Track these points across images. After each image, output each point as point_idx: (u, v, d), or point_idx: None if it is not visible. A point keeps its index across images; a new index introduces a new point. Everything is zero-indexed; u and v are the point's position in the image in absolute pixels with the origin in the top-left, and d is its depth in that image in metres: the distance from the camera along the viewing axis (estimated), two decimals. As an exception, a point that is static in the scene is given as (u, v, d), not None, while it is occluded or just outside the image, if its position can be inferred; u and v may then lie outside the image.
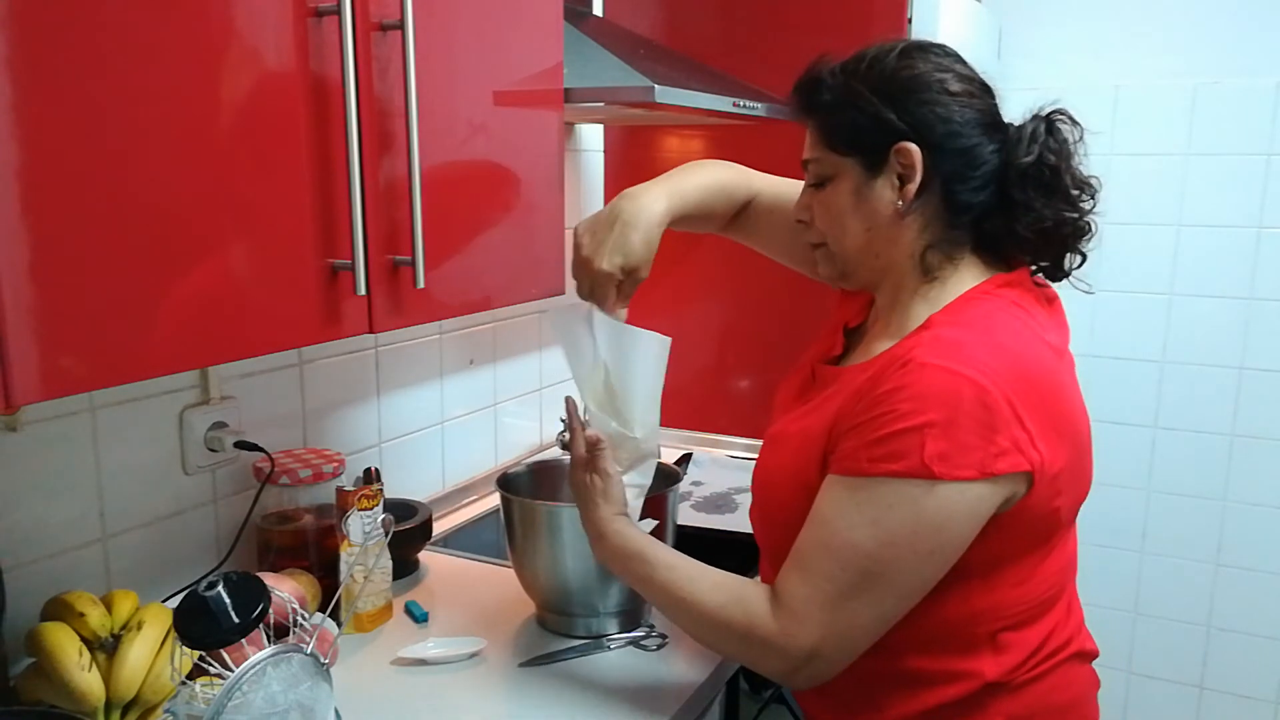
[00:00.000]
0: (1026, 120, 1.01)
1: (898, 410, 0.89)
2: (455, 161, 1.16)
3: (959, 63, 1.02)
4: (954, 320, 0.96)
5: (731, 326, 2.11)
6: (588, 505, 1.11)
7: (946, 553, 0.92)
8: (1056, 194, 0.99)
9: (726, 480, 1.93)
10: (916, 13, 1.81)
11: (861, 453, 0.91)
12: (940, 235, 1.00)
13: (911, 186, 0.98)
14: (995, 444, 0.88)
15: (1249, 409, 2.33)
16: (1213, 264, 2.31)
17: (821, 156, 1.03)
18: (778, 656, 0.96)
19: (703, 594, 1.01)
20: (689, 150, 2.09)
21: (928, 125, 0.97)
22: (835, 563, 0.92)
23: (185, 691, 0.89)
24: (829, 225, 1.04)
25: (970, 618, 0.97)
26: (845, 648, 0.95)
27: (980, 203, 0.99)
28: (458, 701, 1.15)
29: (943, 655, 0.98)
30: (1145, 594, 2.46)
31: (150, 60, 0.80)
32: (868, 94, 0.98)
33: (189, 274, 0.85)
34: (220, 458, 1.34)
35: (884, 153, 0.98)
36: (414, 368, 1.71)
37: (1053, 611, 1.02)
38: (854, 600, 0.92)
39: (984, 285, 1.00)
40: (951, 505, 0.89)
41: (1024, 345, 0.95)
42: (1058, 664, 1.02)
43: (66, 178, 0.75)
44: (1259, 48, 2.21)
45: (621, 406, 1.13)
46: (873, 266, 1.04)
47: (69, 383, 0.77)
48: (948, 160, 0.98)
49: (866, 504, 0.91)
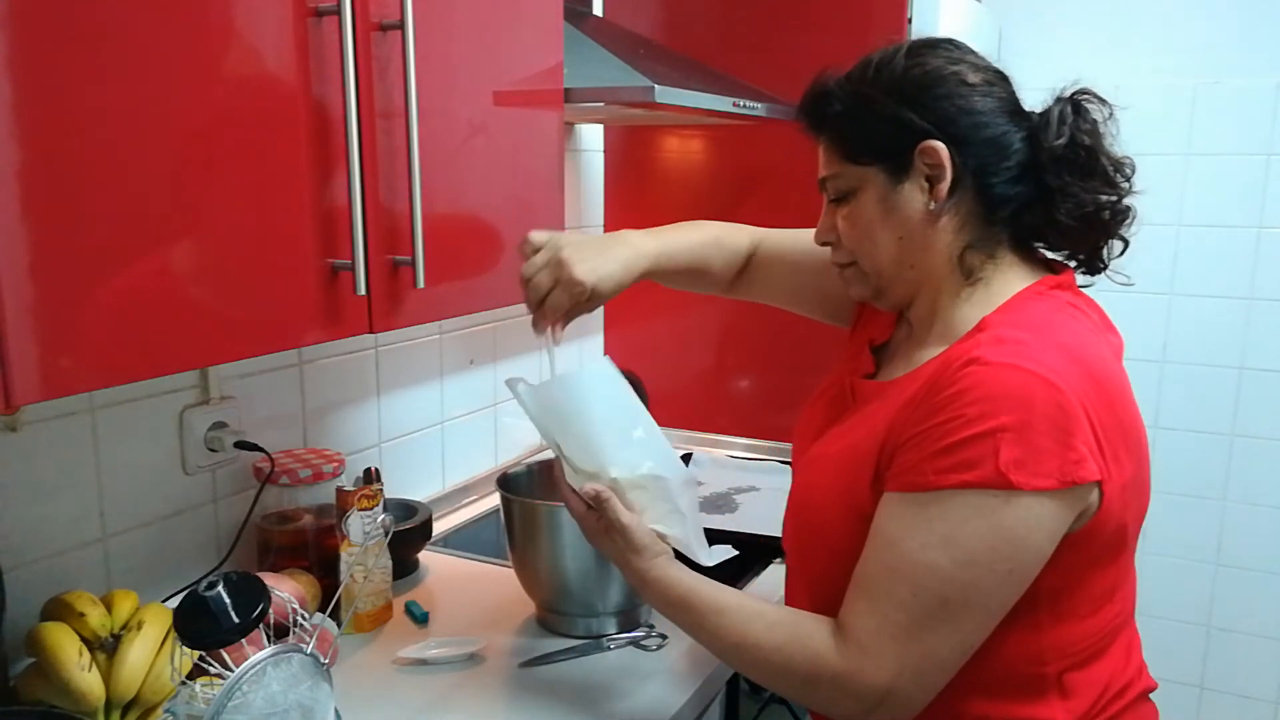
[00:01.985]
0: (1051, 104, 0.95)
1: (965, 415, 0.82)
2: (455, 161, 1.16)
3: (970, 53, 0.97)
4: (1012, 321, 0.90)
5: (731, 326, 2.11)
6: (621, 565, 1.02)
7: (1026, 572, 0.84)
8: (1095, 175, 0.93)
9: (726, 480, 1.93)
10: (916, 13, 1.81)
11: (926, 464, 0.83)
12: (978, 233, 0.95)
13: (943, 185, 0.92)
14: (1075, 450, 0.81)
15: (1249, 409, 2.33)
16: (1213, 264, 2.31)
17: (840, 170, 0.97)
18: (849, 698, 0.87)
19: (758, 636, 0.92)
20: (689, 150, 2.09)
21: (950, 119, 0.92)
22: (907, 588, 0.84)
23: (185, 691, 0.89)
24: (857, 242, 0.98)
25: (1037, 655, 0.89)
26: (924, 684, 0.86)
27: (1018, 194, 0.94)
28: (458, 701, 1.15)
29: (1010, 700, 0.90)
30: (1145, 594, 2.43)
31: (150, 60, 0.80)
32: (881, 97, 0.93)
33: (189, 274, 0.85)
34: (220, 458, 1.34)
35: (907, 155, 0.93)
36: (414, 368, 1.71)
37: (1115, 647, 0.94)
38: (930, 630, 0.84)
39: (1036, 286, 0.95)
40: (1031, 518, 0.81)
41: (1088, 348, 0.89)
42: (1126, 705, 0.94)
43: (66, 178, 0.75)
44: (1259, 48, 2.21)
45: (597, 454, 1.02)
46: (908, 279, 0.97)
47: (69, 383, 0.77)
48: (977, 152, 0.92)
49: (938, 520, 0.83)
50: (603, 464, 1.02)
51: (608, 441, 1.02)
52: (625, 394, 1.05)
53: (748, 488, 1.88)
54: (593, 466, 1.03)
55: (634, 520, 1.00)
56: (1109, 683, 0.93)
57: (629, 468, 1.02)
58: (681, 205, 2.11)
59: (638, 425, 1.05)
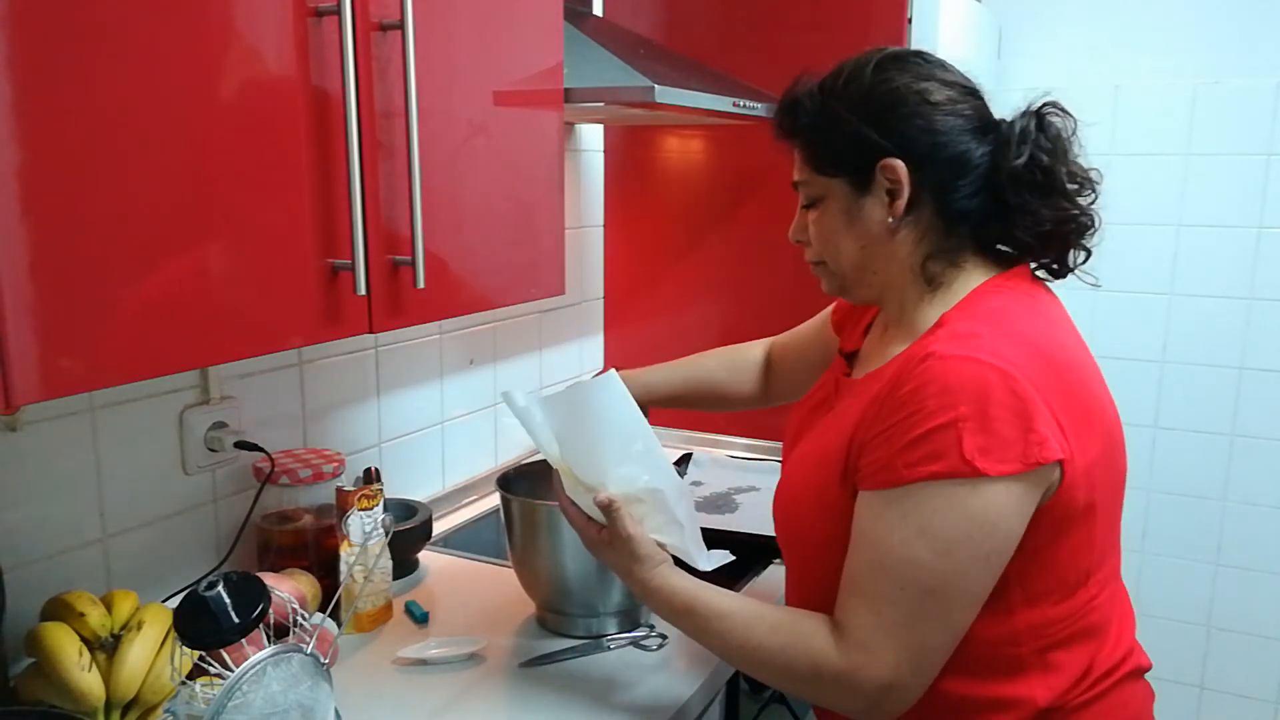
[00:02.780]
0: (1016, 118, 0.97)
1: (925, 408, 0.85)
2: (455, 161, 1.16)
3: (940, 68, 0.99)
4: (968, 314, 0.94)
5: (731, 326, 2.11)
6: (624, 575, 1.05)
7: (1003, 555, 0.87)
8: (1053, 193, 0.96)
9: (726, 480, 1.93)
10: (916, 13, 1.81)
11: (895, 460, 0.87)
12: (938, 244, 0.98)
13: (900, 202, 0.95)
14: (1035, 432, 0.84)
15: (1249, 409, 2.33)
16: (1213, 264, 2.31)
17: (809, 179, 1.02)
18: (852, 694, 0.90)
19: (761, 639, 0.95)
20: (689, 150, 2.09)
21: (910, 139, 0.95)
22: (893, 583, 0.87)
23: (185, 691, 0.89)
24: (824, 245, 1.03)
25: (1011, 636, 0.92)
26: (922, 672, 0.89)
27: (976, 208, 0.97)
28: (458, 701, 1.15)
29: (988, 679, 0.93)
30: (1145, 594, 2.46)
31: (150, 60, 0.80)
32: (846, 114, 0.97)
33: (189, 274, 0.85)
34: (220, 458, 1.34)
35: (869, 171, 0.96)
36: (414, 368, 1.71)
37: (1104, 626, 0.96)
38: (921, 621, 0.87)
39: (992, 280, 0.98)
40: (1002, 503, 0.85)
41: (1042, 334, 0.92)
42: (1114, 684, 0.96)
43: (66, 178, 0.75)
44: (1259, 48, 2.21)
45: (598, 468, 1.05)
46: (871, 282, 1.02)
47: (69, 383, 0.77)
48: (936, 171, 0.95)
49: (912, 514, 0.86)
50: (603, 478, 1.04)
51: (608, 455, 1.04)
52: (628, 407, 1.06)
53: (748, 488, 1.88)
54: (593, 479, 1.04)
55: (639, 531, 1.03)
56: (1093, 662, 0.95)
57: (628, 482, 1.04)
58: (681, 205, 2.11)
59: (637, 439, 1.06)
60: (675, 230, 2.13)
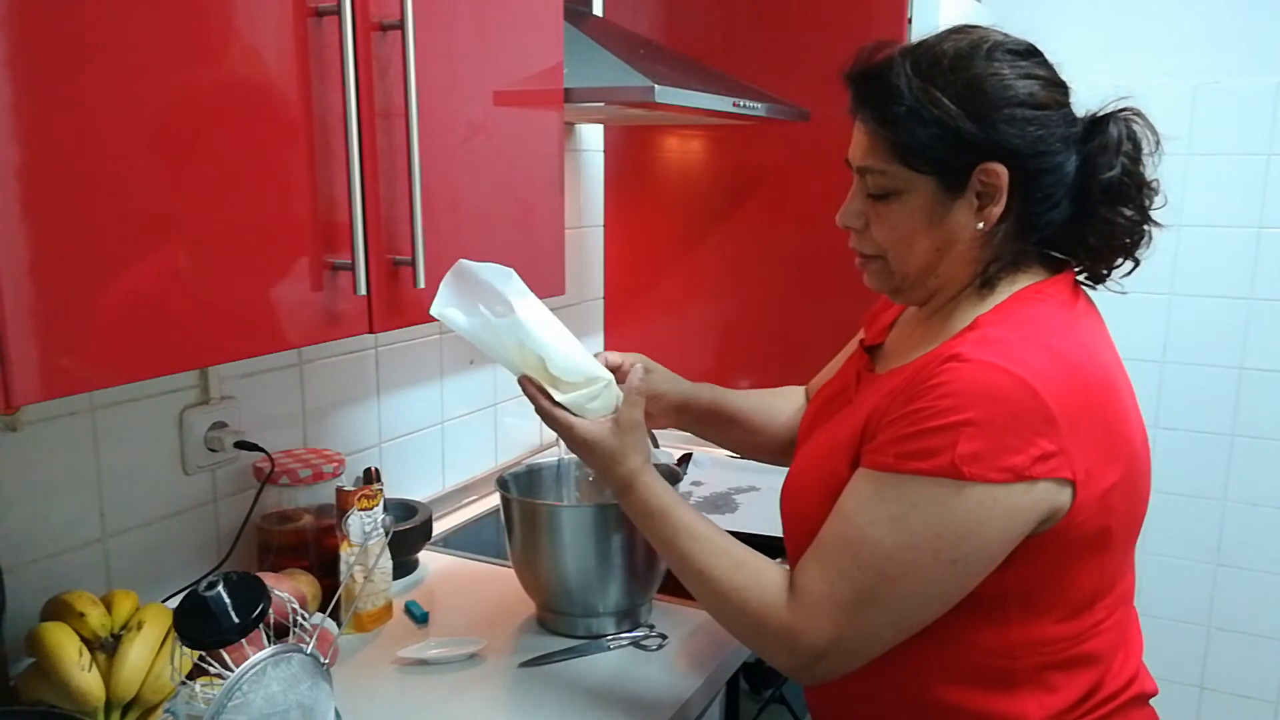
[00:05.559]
0: (1108, 127, 0.93)
1: (935, 407, 0.84)
2: (455, 161, 1.16)
3: (1044, 65, 0.94)
4: (1003, 320, 0.90)
5: (731, 326, 2.11)
6: (604, 474, 1.03)
7: (972, 564, 0.85)
8: (1131, 203, 0.93)
9: (726, 480, 1.93)
10: (916, 13, 1.81)
11: (891, 448, 0.86)
12: (1007, 250, 0.94)
13: (996, 209, 0.90)
14: (1037, 447, 0.82)
15: (1249, 409, 2.33)
16: (1213, 264, 2.31)
17: (889, 169, 0.92)
18: (786, 652, 0.92)
19: (722, 570, 0.95)
20: (689, 150, 2.09)
21: (1016, 144, 0.88)
22: (852, 559, 0.87)
23: (185, 691, 0.89)
24: (893, 243, 0.95)
25: (1006, 649, 0.90)
26: (857, 653, 0.90)
27: (1058, 219, 0.93)
28: (458, 701, 1.15)
29: (980, 690, 0.91)
30: (1145, 594, 2.44)
31: (150, 61, 0.80)
32: (951, 108, 0.88)
33: (189, 274, 0.85)
34: (220, 458, 1.34)
35: (966, 172, 0.89)
36: (414, 368, 1.71)
37: (1108, 653, 0.94)
38: (871, 604, 0.87)
39: (1036, 286, 0.94)
40: (980, 511, 0.83)
41: (1078, 349, 0.89)
42: (1115, 709, 0.94)
43: (66, 178, 0.75)
44: (1259, 48, 2.21)
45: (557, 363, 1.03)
46: (930, 285, 0.97)
47: (69, 383, 0.77)
48: (1035, 178, 0.90)
49: (891, 501, 0.86)
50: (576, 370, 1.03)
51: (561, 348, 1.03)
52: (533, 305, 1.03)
53: (748, 488, 1.89)
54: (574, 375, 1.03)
55: (643, 426, 1.04)
56: (1097, 685, 0.93)
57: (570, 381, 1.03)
58: (682, 205, 2.11)
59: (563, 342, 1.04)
60: (675, 230, 2.13)
